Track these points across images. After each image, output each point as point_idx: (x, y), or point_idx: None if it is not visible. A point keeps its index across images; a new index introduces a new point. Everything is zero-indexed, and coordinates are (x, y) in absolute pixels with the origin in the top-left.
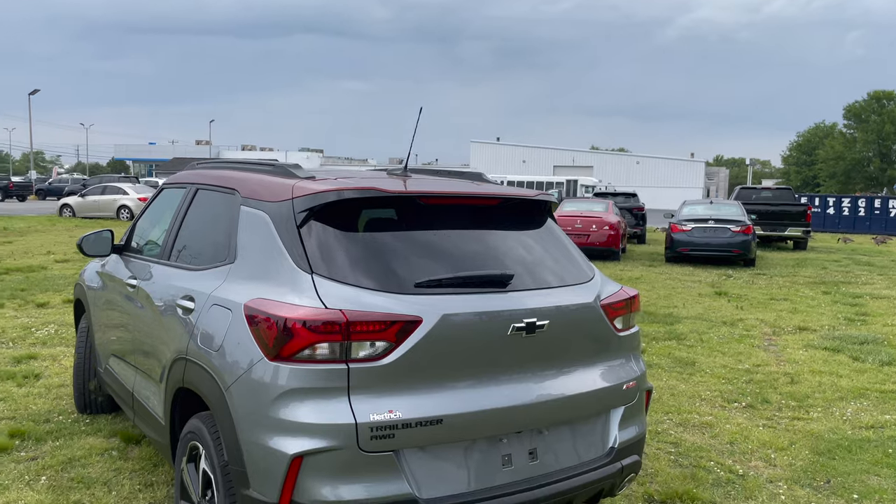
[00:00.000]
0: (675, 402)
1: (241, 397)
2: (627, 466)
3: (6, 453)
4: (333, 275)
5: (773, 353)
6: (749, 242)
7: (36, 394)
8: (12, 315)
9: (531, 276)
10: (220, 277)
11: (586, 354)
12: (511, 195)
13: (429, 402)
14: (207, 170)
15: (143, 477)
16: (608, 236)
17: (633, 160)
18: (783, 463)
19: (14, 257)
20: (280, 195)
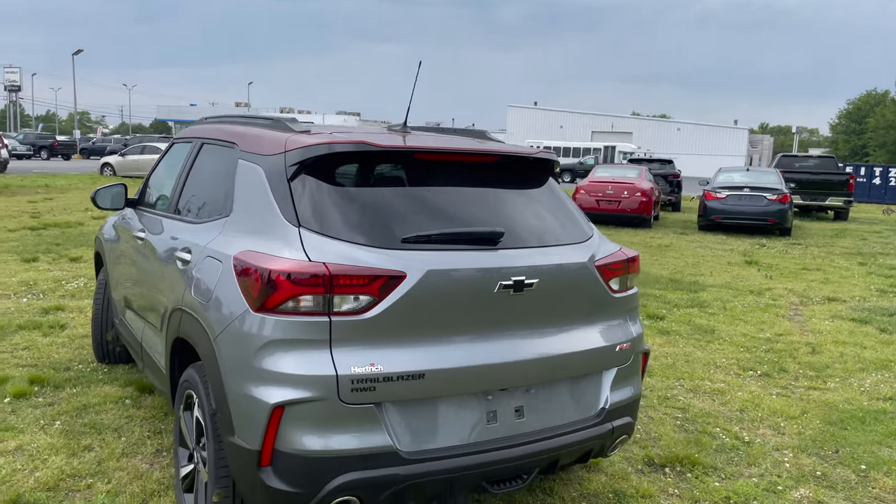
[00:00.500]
0: (688, 368)
1: (228, 347)
2: (619, 427)
3: (25, 399)
4: (321, 228)
5: (798, 322)
6: (785, 211)
7: (59, 343)
8: (46, 268)
9: (524, 235)
10: (216, 230)
11: (578, 314)
12: (509, 152)
13: (411, 357)
14: (213, 124)
15: (153, 424)
16: (640, 203)
17: (673, 127)
18: (792, 431)
19: (53, 213)
20: (274, 148)
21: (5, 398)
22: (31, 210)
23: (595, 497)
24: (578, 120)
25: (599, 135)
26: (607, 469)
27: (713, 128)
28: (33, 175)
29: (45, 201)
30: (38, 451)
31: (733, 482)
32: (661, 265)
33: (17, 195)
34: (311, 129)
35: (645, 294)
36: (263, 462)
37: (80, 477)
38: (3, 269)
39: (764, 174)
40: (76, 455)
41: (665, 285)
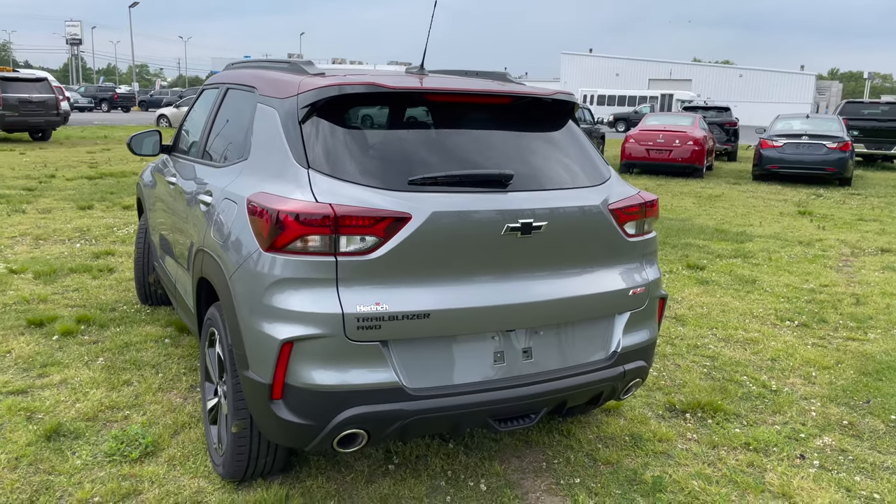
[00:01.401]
0: (723, 318)
1: (241, 285)
2: (631, 371)
3: (72, 336)
4: (330, 171)
5: (846, 273)
6: (846, 160)
7: (107, 286)
8: (99, 215)
9: (536, 178)
10: (234, 173)
11: (590, 257)
12: (525, 93)
13: (417, 297)
14: (237, 70)
15: (189, 362)
16: (692, 152)
17: (735, 73)
18: (823, 381)
19: (110, 163)
20: (288, 91)
21: (54, 336)
22: (90, 160)
23: (612, 440)
24: (635, 67)
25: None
26: (627, 413)
27: (778, 74)
28: (93, 126)
29: (102, 151)
30: (80, 385)
31: (755, 429)
32: (708, 215)
33: (78, 146)
34: (325, 72)
35: (688, 244)
36: (275, 395)
37: (117, 409)
38: (60, 216)
39: (824, 121)
40: (115, 389)
41: (710, 235)
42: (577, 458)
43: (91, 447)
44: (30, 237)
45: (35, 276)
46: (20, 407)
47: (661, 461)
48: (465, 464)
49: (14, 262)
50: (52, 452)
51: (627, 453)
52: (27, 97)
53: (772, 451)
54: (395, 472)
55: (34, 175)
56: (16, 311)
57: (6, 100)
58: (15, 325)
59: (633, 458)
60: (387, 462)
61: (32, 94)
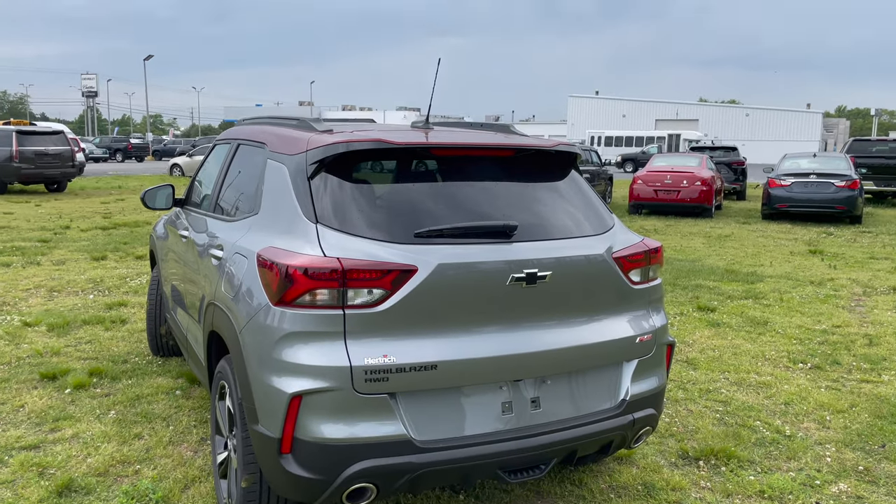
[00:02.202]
0: (735, 361)
1: (251, 339)
2: (640, 419)
3: (84, 389)
4: (338, 225)
5: (858, 314)
6: (855, 198)
7: (119, 337)
8: (113, 266)
9: (541, 227)
10: (245, 227)
11: (596, 306)
12: (527, 146)
13: (424, 349)
14: (248, 126)
15: (200, 414)
16: (700, 192)
17: (742, 112)
18: (838, 425)
19: (124, 213)
20: (297, 148)
21: (66, 389)
22: (104, 210)
23: (624, 489)
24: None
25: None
26: (639, 461)
27: (784, 112)
28: (108, 177)
29: (116, 202)
30: (92, 439)
31: (769, 476)
32: (718, 255)
33: (92, 196)
34: (333, 128)
35: (698, 286)
36: (284, 449)
37: (128, 463)
38: (74, 267)
39: (832, 160)
40: (127, 442)
41: (720, 276)
42: None
43: (102, 503)
44: (44, 289)
45: (49, 329)
46: (32, 462)
47: None
48: None
49: (28, 314)
50: None
51: (640, 503)
52: (44, 150)
53: (787, 498)
54: None
55: (49, 226)
56: (29, 364)
57: (23, 153)
58: (28, 379)
59: None
60: None
61: (49, 147)
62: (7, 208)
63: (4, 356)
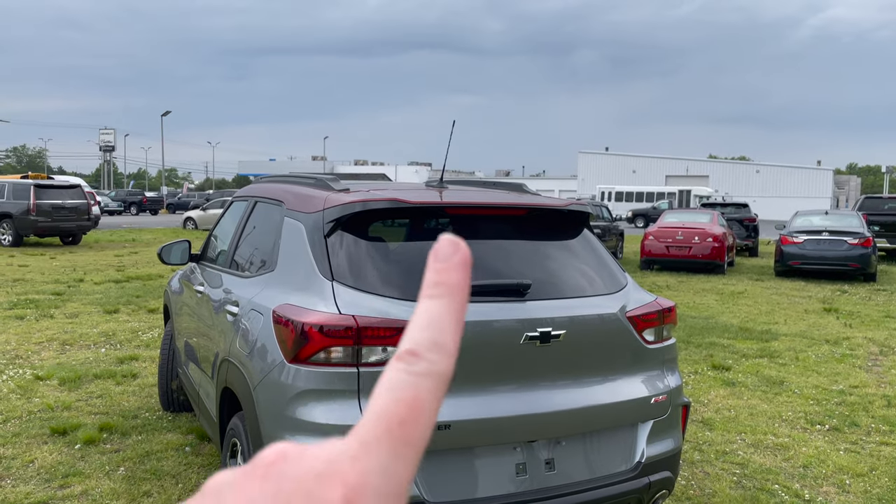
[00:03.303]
0: (751, 422)
1: (265, 396)
2: (656, 482)
3: (94, 445)
4: (353, 283)
5: (876, 374)
6: (868, 256)
7: (130, 392)
8: (125, 319)
9: (554, 286)
10: (261, 284)
11: (610, 365)
12: (540, 205)
13: None
14: (266, 183)
15: (209, 472)
16: (712, 249)
17: (752, 169)
18: (858, 489)
19: (137, 266)
20: (314, 206)
21: (76, 444)
22: (117, 263)
23: None
24: (651, 164)
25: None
26: None
27: (795, 169)
28: (122, 230)
29: (130, 255)
30: (101, 496)
31: None
32: (731, 313)
33: (106, 249)
34: (350, 187)
35: (712, 344)
36: None
37: None
38: (86, 320)
39: (844, 217)
40: (136, 500)
41: (734, 334)
42: None
43: None
44: (56, 342)
45: (60, 383)
46: None
47: None
48: None
49: (41, 367)
50: None
51: None
52: (60, 203)
53: None
54: None
55: (63, 279)
56: (40, 419)
57: (39, 206)
58: (39, 434)
59: None
60: None
61: (66, 200)
62: (22, 261)
63: (16, 410)
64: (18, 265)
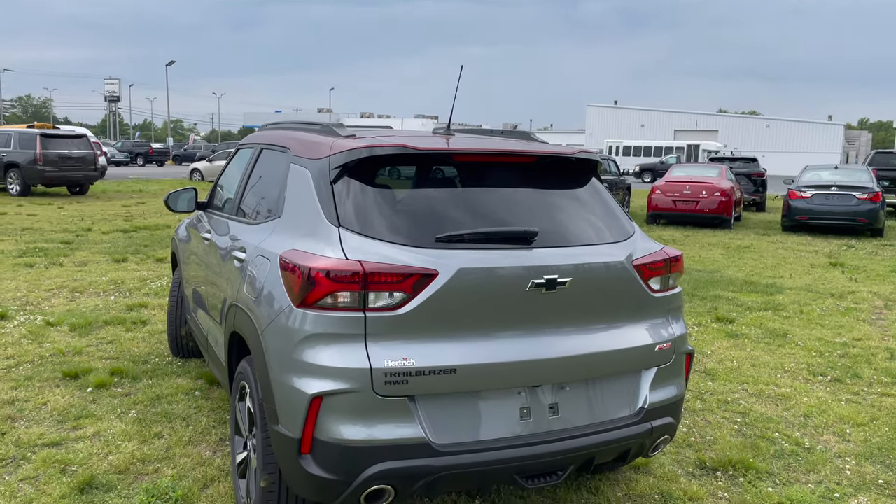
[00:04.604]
0: (754, 372)
1: (272, 340)
2: (658, 428)
3: (105, 388)
4: (360, 228)
5: (880, 327)
6: (877, 211)
7: (140, 338)
8: (133, 268)
9: (561, 234)
10: (268, 231)
11: (615, 313)
12: (548, 153)
13: (443, 352)
14: (271, 130)
15: (219, 415)
16: (719, 203)
17: (762, 123)
18: (858, 439)
19: (144, 217)
20: (320, 152)
21: (88, 388)
22: (125, 213)
23: (641, 498)
24: (660, 118)
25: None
26: (656, 471)
27: (805, 124)
28: (129, 181)
29: (137, 205)
30: (113, 437)
31: (787, 488)
32: (737, 267)
33: (113, 199)
34: (356, 133)
35: (717, 297)
36: (304, 450)
37: (148, 462)
38: (95, 268)
39: (854, 172)
40: (147, 441)
41: (739, 288)
42: None
43: (123, 500)
44: (66, 290)
45: (71, 329)
46: (55, 459)
47: None
48: None
49: (51, 314)
50: None
51: None
52: (67, 153)
53: None
54: None
55: (71, 228)
56: (52, 363)
57: (46, 156)
58: (51, 378)
59: None
60: None
61: (72, 150)
62: (31, 210)
63: (28, 355)
64: (27, 214)
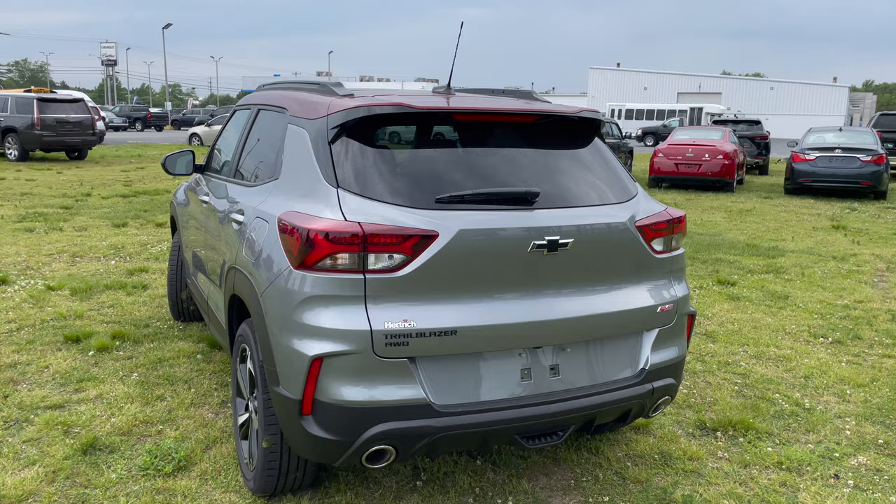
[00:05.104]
0: (755, 334)
1: (272, 302)
2: (659, 388)
3: (107, 352)
4: (359, 189)
5: (882, 289)
6: (880, 174)
7: (141, 302)
8: (134, 233)
9: (563, 195)
10: (266, 193)
11: (617, 274)
12: (550, 112)
13: (444, 314)
14: (268, 91)
15: (221, 378)
16: (721, 166)
17: (766, 86)
18: (858, 399)
19: (144, 181)
20: (318, 112)
21: (90, 351)
22: (124, 178)
23: (641, 458)
24: (663, 81)
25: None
26: (656, 431)
27: (810, 86)
28: (127, 146)
29: (136, 170)
30: (115, 400)
31: (787, 448)
32: (739, 230)
33: (112, 164)
34: (354, 92)
35: (718, 260)
36: (305, 411)
37: (151, 423)
38: (95, 233)
39: (858, 134)
40: (149, 404)
41: (741, 251)
42: (605, 476)
43: (126, 461)
44: (67, 254)
45: (72, 293)
46: (58, 421)
47: (692, 480)
48: (493, 481)
49: (52, 278)
50: (88, 466)
51: (657, 472)
52: (64, 117)
53: (805, 470)
54: (423, 488)
55: (71, 193)
56: (53, 327)
57: (44, 120)
58: (53, 341)
59: (662, 477)
60: (415, 478)
61: (69, 115)
62: (29, 175)
63: (29, 319)
64: (25, 179)
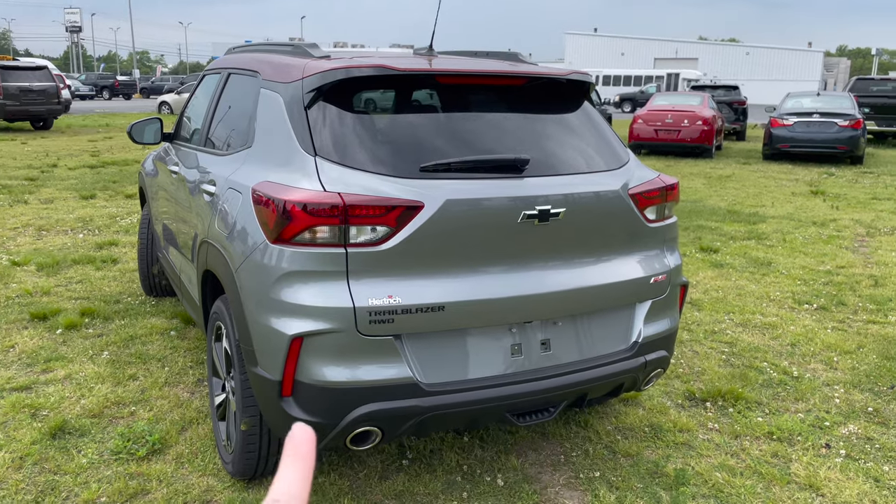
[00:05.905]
0: (739, 302)
1: (248, 279)
2: (652, 361)
3: (76, 330)
4: (338, 158)
5: (863, 254)
6: (857, 138)
7: (111, 277)
8: (102, 205)
9: (553, 162)
10: (238, 161)
11: (610, 245)
12: (538, 74)
13: (431, 289)
14: (240, 54)
15: (196, 355)
16: (701, 132)
17: (742, 51)
18: (845, 366)
19: (112, 151)
20: (292, 75)
21: (58, 329)
22: (91, 149)
23: (631, 431)
24: (640, 46)
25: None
26: (645, 403)
27: (785, 51)
28: (95, 115)
29: (104, 140)
30: (85, 380)
31: (777, 417)
32: (719, 196)
33: (79, 134)
34: (331, 54)
35: (700, 227)
36: (285, 392)
37: (123, 405)
38: (62, 206)
39: (836, 99)
40: (121, 384)
41: (722, 217)
42: (595, 450)
43: (97, 445)
44: (32, 228)
45: (38, 268)
46: (24, 404)
47: (683, 452)
48: (481, 458)
49: (17, 253)
50: (57, 451)
51: (647, 445)
52: (28, 86)
53: (796, 440)
54: (410, 467)
55: (36, 165)
56: (19, 304)
57: (7, 89)
58: (18, 319)
59: (653, 450)
60: (400, 457)
61: (33, 83)
62: None
63: None
64: None
